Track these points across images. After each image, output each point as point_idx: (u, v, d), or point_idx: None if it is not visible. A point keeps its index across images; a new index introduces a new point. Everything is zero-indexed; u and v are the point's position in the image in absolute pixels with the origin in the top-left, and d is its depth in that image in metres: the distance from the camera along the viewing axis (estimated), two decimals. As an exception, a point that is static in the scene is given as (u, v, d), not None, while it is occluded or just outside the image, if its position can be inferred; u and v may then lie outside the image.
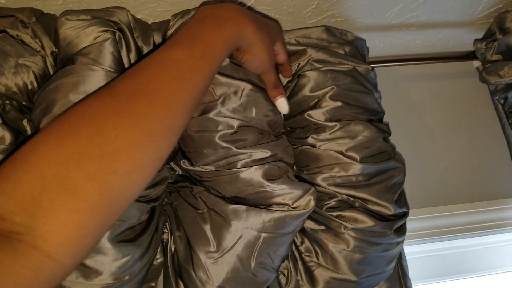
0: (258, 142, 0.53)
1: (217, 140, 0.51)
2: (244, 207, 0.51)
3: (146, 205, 0.52)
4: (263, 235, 0.51)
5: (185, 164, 0.55)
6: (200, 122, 0.52)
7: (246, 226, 0.51)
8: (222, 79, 0.52)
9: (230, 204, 0.52)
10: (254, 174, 0.52)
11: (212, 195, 0.54)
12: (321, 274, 0.57)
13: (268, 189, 0.52)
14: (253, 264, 0.52)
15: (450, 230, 0.79)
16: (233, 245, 0.51)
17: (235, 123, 0.52)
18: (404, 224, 0.62)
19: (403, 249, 0.68)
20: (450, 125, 0.86)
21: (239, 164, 0.52)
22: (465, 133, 0.85)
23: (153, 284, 0.58)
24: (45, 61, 0.58)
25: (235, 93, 0.52)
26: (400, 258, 0.67)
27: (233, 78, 0.52)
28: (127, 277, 0.49)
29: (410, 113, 0.85)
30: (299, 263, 0.59)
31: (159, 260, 0.59)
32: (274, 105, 0.56)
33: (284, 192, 0.52)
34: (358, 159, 0.56)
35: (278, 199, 0.53)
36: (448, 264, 0.84)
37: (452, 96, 0.87)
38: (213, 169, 0.53)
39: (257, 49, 0.49)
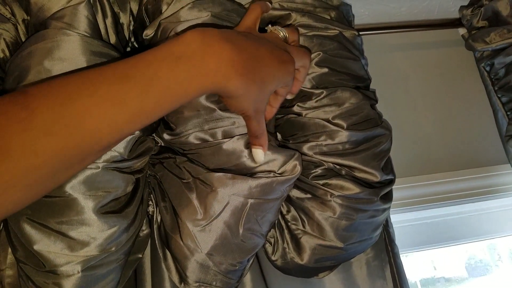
0: None
1: (200, 100, 0.50)
2: (229, 175, 0.51)
3: (131, 176, 0.51)
4: (250, 201, 0.51)
5: (166, 135, 0.54)
6: None
7: (232, 192, 0.50)
8: None
9: (215, 172, 0.51)
10: (236, 144, 0.51)
11: (195, 164, 0.53)
12: (308, 242, 0.57)
13: (248, 156, 0.52)
14: (241, 231, 0.52)
15: (434, 199, 0.80)
16: (220, 212, 0.51)
17: None
18: (391, 191, 0.62)
19: (389, 216, 0.69)
20: (435, 94, 0.86)
21: (221, 132, 0.51)
22: (451, 101, 0.86)
23: (140, 255, 0.58)
24: (16, 29, 0.56)
25: None
26: (387, 225, 0.68)
27: None
28: (113, 248, 0.49)
29: (396, 82, 0.85)
30: (286, 231, 0.60)
31: (145, 232, 0.58)
32: None
33: (268, 159, 0.52)
34: (345, 127, 0.56)
35: (263, 167, 0.52)
36: (433, 232, 0.85)
37: (437, 65, 0.88)
38: (196, 142, 0.52)
39: (236, 102, 0.41)
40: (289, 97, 0.52)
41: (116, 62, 0.34)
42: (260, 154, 0.50)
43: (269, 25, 0.48)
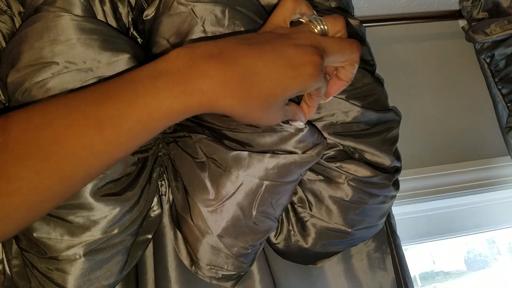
0: None
1: None
2: (246, 153, 0.49)
3: (131, 157, 0.50)
4: (266, 183, 0.49)
5: None
6: None
7: (247, 173, 0.49)
8: (202, 4, 0.48)
9: (231, 150, 0.49)
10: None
11: (212, 142, 0.51)
12: (314, 225, 0.56)
13: (284, 129, 0.49)
14: (254, 213, 0.50)
15: (434, 191, 0.80)
16: (233, 193, 0.49)
17: None
18: (398, 179, 0.62)
19: (391, 208, 0.69)
20: (436, 86, 0.86)
21: None
22: (450, 94, 0.86)
23: (150, 236, 0.57)
24: (13, 21, 0.56)
25: (218, 14, 0.48)
26: (389, 216, 0.68)
27: (214, 2, 0.48)
28: (116, 231, 0.48)
29: (396, 74, 0.85)
30: (291, 213, 0.59)
31: (156, 212, 0.57)
32: None
33: (299, 138, 0.50)
34: (360, 105, 0.55)
35: (289, 146, 0.50)
36: (433, 225, 0.85)
37: (437, 57, 0.88)
38: None
39: (239, 119, 0.37)
40: (321, 101, 0.45)
41: (101, 82, 0.33)
42: (298, 124, 0.46)
43: (304, 16, 0.41)
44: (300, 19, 0.41)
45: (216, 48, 0.34)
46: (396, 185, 0.60)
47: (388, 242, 0.67)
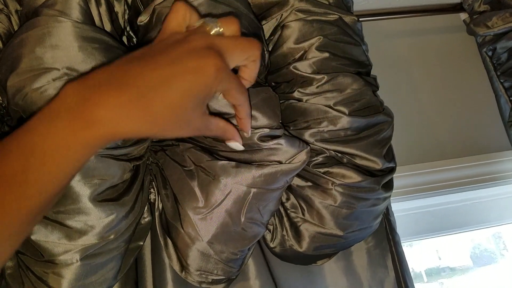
0: None
1: None
2: (233, 163, 0.50)
3: (128, 164, 0.51)
4: (253, 190, 0.51)
5: None
6: None
7: (235, 181, 0.50)
8: None
9: (218, 160, 0.51)
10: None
11: (199, 151, 0.53)
12: (307, 229, 0.58)
13: (263, 147, 0.51)
14: (243, 219, 0.52)
15: (437, 186, 0.80)
16: (222, 201, 0.51)
17: None
18: (392, 179, 0.62)
19: (390, 204, 0.69)
20: (437, 80, 0.86)
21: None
22: (452, 88, 0.86)
23: (141, 243, 0.58)
24: (9, 20, 0.56)
25: None
26: (388, 213, 0.68)
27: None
28: (112, 236, 0.49)
29: (396, 69, 0.85)
30: (285, 219, 0.60)
31: (146, 219, 0.59)
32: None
33: (279, 149, 0.51)
34: (347, 113, 0.56)
35: (271, 157, 0.52)
36: (436, 220, 0.85)
37: (438, 51, 0.87)
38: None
39: (157, 137, 0.38)
40: (232, 101, 0.41)
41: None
42: (235, 145, 0.45)
43: (201, 18, 0.40)
44: (196, 23, 0.40)
45: (106, 73, 0.33)
46: (387, 187, 0.61)
47: (387, 239, 0.68)
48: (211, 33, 0.38)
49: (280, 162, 0.52)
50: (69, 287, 0.48)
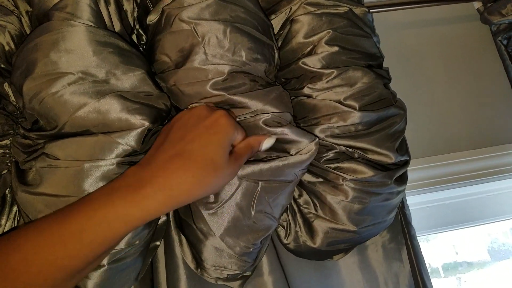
0: (251, 89, 0.52)
1: (209, 89, 0.50)
2: None
3: None
4: (261, 183, 0.52)
5: None
6: (187, 74, 0.51)
7: (243, 175, 0.51)
8: (204, 22, 0.50)
9: None
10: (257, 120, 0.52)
11: None
12: (320, 225, 0.58)
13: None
14: (253, 213, 0.53)
15: (452, 179, 0.80)
16: (232, 195, 0.52)
17: (225, 68, 0.50)
18: (406, 172, 0.62)
19: (405, 198, 0.69)
20: (451, 71, 0.85)
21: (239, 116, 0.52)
22: (467, 78, 0.85)
23: (158, 243, 0.60)
24: (20, 21, 0.57)
25: (219, 35, 0.50)
26: (403, 207, 0.69)
27: (215, 20, 0.50)
28: (137, 242, 0.51)
29: (409, 60, 0.85)
30: (298, 215, 0.60)
31: (163, 219, 0.60)
32: (264, 48, 0.54)
33: (285, 137, 0.52)
34: (357, 107, 0.56)
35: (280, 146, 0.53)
36: (452, 214, 0.85)
37: (452, 41, 0.87)
38: None
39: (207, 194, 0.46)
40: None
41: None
42: (268, 144, 0.51)
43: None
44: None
45: (152, 160, 0.42)
46: (401, 180, 0.61)
47: (403, 233, 0.68)
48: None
49: (288, 153, 0.53)
50: (94, 288, 0.50)
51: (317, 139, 0.54)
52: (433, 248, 1.06)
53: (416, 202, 0.83)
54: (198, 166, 0.41)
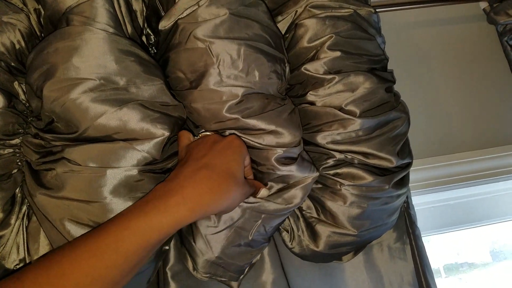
0: (264, 109, 0.53)
1: (225, 113, 0.52)
2: None
3: (163, 176, 0.53)
4: (263, 216, 0.55)
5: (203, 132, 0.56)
6: (202, 96, 0.52)
7: (248, 207, 0.54)
8: (218, 41, 0.50)
9: None
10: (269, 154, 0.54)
11: None
12: (322, 229, 0.59)
13: (277, 172, 0.54)
14: (250, 238, 0.56)
15: (456, 179, 0.80)
16: (234, 222, 0.54)
17: (239, 91, 0.51)
18: (407, 175, 0.63)
19: (410, 198, 0.70)
20: (456, 71, 0.85)
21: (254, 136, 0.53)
22: (472, 79, 0.85)
23: (167, 247, 0.62)
24: (29, 19, 0.57)
25: (234, 55, 0.51)
26: (408, 207, 0.69)
27: (230, 38, 0.51)
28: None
29: (415, 60, 0.85)
30: (301, 219, 0.62)
31: None
32: (276, 64, 0.55)
33: (290, 174, 0.54)
34: (358, 114, 0.56)
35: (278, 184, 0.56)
36: (456, 214, 0.86)
37: (458, 41, 0.87)
38: (237, 134, 0.54)
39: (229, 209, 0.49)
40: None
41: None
42: (263, 194, 0.54)
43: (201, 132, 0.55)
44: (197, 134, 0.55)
45: (182, 175, 0.45)
46: (401, 184, 0.61)
47: (408, 233, 0.68)
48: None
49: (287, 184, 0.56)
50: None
51: (317, 173, 0.56)
52: (435, 249, 1.06)
53: (420, 202, 0.84)
54: (222, 177, 0.45)
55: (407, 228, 0.68)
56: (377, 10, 0.64)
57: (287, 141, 0.53)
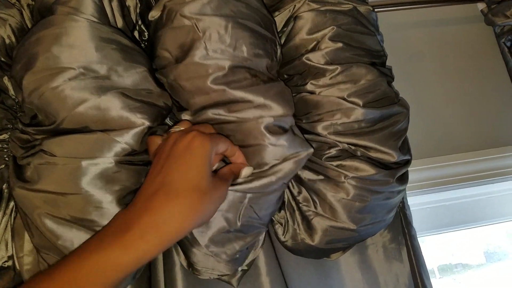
0: (252, 84, 0.51)
1: (210, 84, 0.49)
2: None
3: (145, 168, 0.52)
4: (249, 195, 0.52)
5: (185, 116, 0.53)
6: (187, 69, 0.50)
7: (230, 187, 0.50)
8: (205, 17, 0.49)
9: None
10: (253, 124, 0.51)
11: None
12: (319, 223, 0.58)
13: (266, 143, 0.51)
14: (239, 223, 0.53)
15: (452, 180, 0.79)
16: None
17: (226, 63, 0.49)
18: (407, 172, 0.62)
19: (406, 198, 0.69)
20: (453, 73, 0.85)
21: (241, 111, 0.51)
22: (469, 80, 0.85)
23: None
24: (21, 14, 0.56)
25: (221, 30, 0.49)
26: (403, 207, 0.68)
27: (217, 15, 0.49)
28: None
29: (412, 61, 0.84)
30: (297, 212, 0.60)
31: None
32: (266, 43, 0.53)
33: (281, 145, 0.52)
34: (361, 104, 0.55)
35: (270, 160, 0.52)
36: (452, 215, 0.85)
37: (455, 42, 0.87)
38: (217, 117, 0.51)
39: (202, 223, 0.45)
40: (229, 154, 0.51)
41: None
42: (247, 172, 0.50)
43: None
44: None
45: (135, 207, 0.41)
46: (402, 180, 0.60)
47: (403, 233, 0.68)
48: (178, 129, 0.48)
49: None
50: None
51: (311, 149, 0.54)
52: (429, 249, 1.06)
53: (417, 202, 0.83)
54: (182, 196, 0.39)
55: (403, 228, 0.68)
56: (375, 9, 0.63)
57: (277, 115, 0.51)
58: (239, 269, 0.59)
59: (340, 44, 0.56)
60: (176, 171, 0.41)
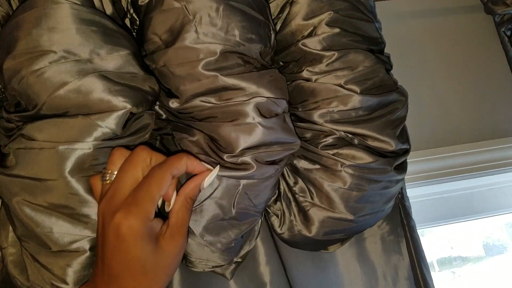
0: (245, 70, 0.49)
1: (201, 70, 0.48)
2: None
3: None
4: (243, 182, 0.50)
5: (174, 103, 0.51)
6: (177, 54, 0.48)
7: (224, 174, 0.49)
8: (196, 0, 0.47)
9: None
10: (244, 107, 0.49)
11: (192, 144, 0.51)
12: (316, 214, 0.56)
13: (256, 122, 0.49)
14: (233, 210, 0.51)
15: (451, 172, 0.78)
16: (211, 194, 0.50)
17: (218, 48, 0.47)
18: (405, 161, 0.60)
19: (405, 189, 0.68)
20: (452, 62, 0.83)
21: (232, 100, 0.49)
22: (469, 69, 0.83)
23: None
24: (9, 4, 0.55)
25: (212, 13, 0.47)
26: (403, 198, 0.67)
27: None
28: None
29: (410, 51, 0.83)
30: (293, 204, 0.59)
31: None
32: (259, 28, 0.51)
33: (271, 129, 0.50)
34: (359, 91, 0.54)
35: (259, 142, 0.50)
36: (451, 207, 0.84)
37: (454, 31, 0.85)
38: (206, 104, 0.49)
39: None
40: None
41: None
42: (209, 181, 0.47)
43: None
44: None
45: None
46: (400, 169, 0.59)
47: (402, 225, 0.67)
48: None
49: None
50: (75, 276, 0.48)
51: (298, 141, 0.53)
52: (428, 242, 1.06)
53: (415, 194, 0.82)
54: (130, 286, 0.38)
55: (402, 220, 0.66)
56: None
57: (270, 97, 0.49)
58: (234, 260, 0.58)
59: (337, 30, 0.54)
60: (114, 261, 0.39)
